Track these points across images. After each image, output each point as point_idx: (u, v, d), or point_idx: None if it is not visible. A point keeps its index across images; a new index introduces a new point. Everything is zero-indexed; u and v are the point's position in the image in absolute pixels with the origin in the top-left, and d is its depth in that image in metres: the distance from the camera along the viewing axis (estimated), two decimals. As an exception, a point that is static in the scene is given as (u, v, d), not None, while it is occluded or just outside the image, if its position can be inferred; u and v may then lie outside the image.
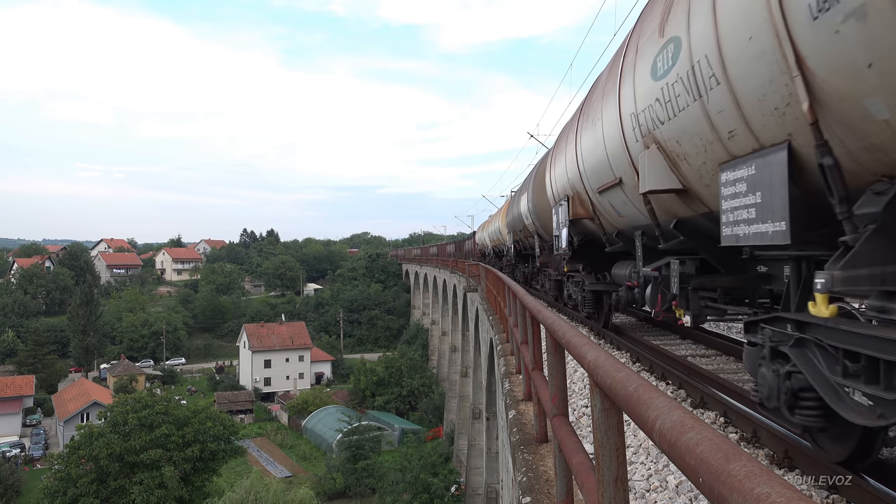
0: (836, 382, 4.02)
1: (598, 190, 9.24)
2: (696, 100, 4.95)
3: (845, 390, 3.94)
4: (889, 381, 3.52)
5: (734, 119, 4.45)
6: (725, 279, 6.37)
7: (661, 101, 5.71)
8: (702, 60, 4.70)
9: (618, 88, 7.28)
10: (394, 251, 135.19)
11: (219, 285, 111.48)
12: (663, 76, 5.56)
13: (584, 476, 3.07)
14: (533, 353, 6.29)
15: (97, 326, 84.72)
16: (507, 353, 12.13)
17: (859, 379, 3.78)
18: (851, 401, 3.90)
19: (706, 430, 1.52)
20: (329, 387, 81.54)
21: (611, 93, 7.74)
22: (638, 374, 2.25)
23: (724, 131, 4.67)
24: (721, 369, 8.84)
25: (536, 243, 19.45)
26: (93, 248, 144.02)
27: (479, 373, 39.53)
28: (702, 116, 4.92)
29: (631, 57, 6.82)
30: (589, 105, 9.58)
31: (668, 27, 5.50)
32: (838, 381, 3.98)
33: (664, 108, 5.66)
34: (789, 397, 4.48)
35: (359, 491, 48.08)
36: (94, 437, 35.77)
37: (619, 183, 7.95)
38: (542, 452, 5.74)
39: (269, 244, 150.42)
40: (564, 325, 3.86)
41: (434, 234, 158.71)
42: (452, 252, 74.49)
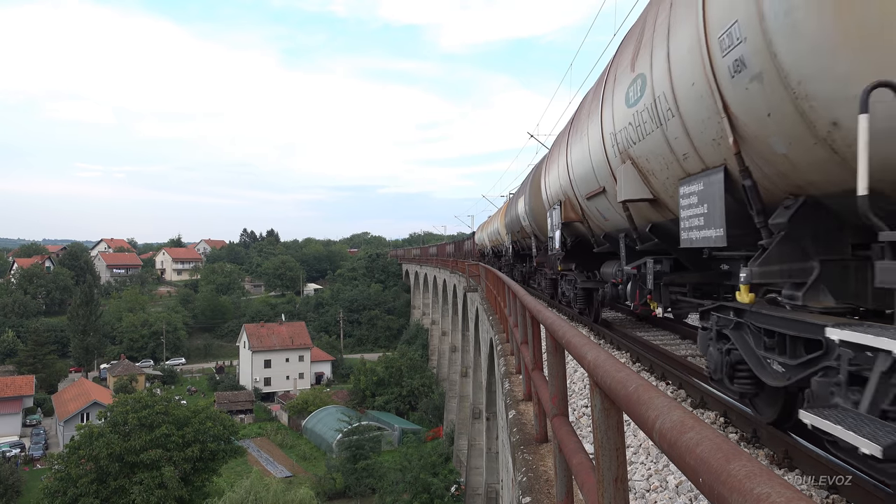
0: (760, 355, 5.11)
1: (586, 196, 10.38)
2: (658, 127, 6.07)
3: (767, 361, 5.00)
4: (794, 352, 4.57)
5: (686, 145, 5.60)
6: (693, 276, 7.55)
7: (633, 125, 6.85)
8: (660, 96, 5.81)
9: (600, 109, 8.46)
10: (393, 251, 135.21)
11: (219, 285, 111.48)
12: (634, 104, 6.71)
13: (584, 476, 3.07)
14: (533, 353, 6.29)
15: (97, 326, 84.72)
16: (507, 353, 12.14)
17: (775, 351, 4.85)
18: (771, 369, 4.96)
19: (706, 430, 1.52)
20: (329, 387, 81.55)
21: (595, 112, 8.97)
22: (638, 374, 2.25)
23: (680, 154, 5.84)
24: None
25: (533, 244, 20.32)
26: (93, 248, 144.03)
27: (479, 373, 39.54)
28: (663, 140, 6.06)
29: (611, 83, 8.00)
30: (578, 120, 10.84)
31: (637, 64, 6.66)
32: (762, 354, 5.08)
33: (636, 130, 6.77)
34: (729, 369, 5.55)
35: (359, 491, 48.07)
36: (94, 437, 35.76)
37: (603, 191, 9.07)
38: (542, 452, 5.74)
39: (269, 244, 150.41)
40: (564, 325, 3.86)
41: (434, 234, 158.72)
42: (452, 252, 74.93)
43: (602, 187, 9.04)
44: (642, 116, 6.45)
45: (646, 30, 6.55)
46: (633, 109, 6.74)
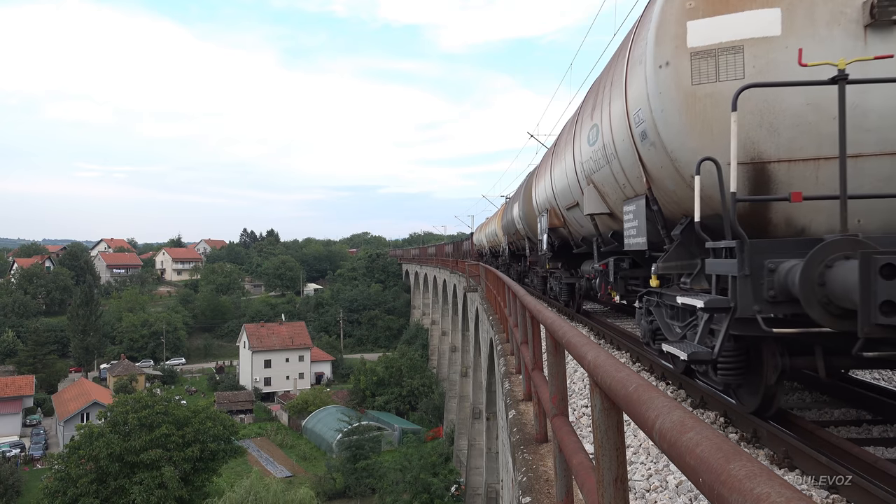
0: (667, 323, 7.31)
1: (565, 207, 12.95)
2: (607, 163, 8.56)
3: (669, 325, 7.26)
4: (684, 319, 6.80)
5: (623, 178, 8.05)
6: (641, 271, 9.43)
7: (592, 159, 9.44)
8: (608, 143, 8.28)
9: (573, 141, 11.12)
10: (393, 251, 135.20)
11: (219, 285, 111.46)
12: (593, 144, 9.31)
13: (584, 476, 3.07)
14: (533, 353, 6.29)
15: (97, 326, 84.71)
16: (507, 352, 12.14)
17: (675, 320, 7.08)
18: (674, 333, 7.03)
19: (706, 430, 1.52)
20: (329, 387, 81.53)
21: (569, 142, 11.66)
22: (638, 374, 2.25)
23: (621, 183, 8.26)
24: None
25: (527, 245, 22.27)
26: (93, 248, 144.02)
27: (479, 373, 39.53)
28: (610, 173, 8.56)
29: (580, 124, 10.62)
30: (559, 144, 13.81)
31: (594, 115, 9.20)
32: (667, 322, 7.31)
33: (595, 163, 9.35)
34: (652, 335, 7.88)
35: (359, 491, 48.07)
36: (94, 437, 35.75)
37: (577, 205, 11.41)
38: (542, 452, 5.74)
39: (269, 244, 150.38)
40: (564, 325, 3.86)
41: (434, 234, 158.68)
42: (451, 252, 75.61)
43: (576, 201, 11.42)
44: (597, 154, 9.02)
45: (600, 90, 9.06)
46: (592, 148, 9.36)
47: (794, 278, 4.68)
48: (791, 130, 5.59)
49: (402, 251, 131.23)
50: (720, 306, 5.42)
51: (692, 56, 5.94)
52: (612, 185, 8.68)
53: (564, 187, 12.37)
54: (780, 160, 5.63)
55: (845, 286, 4.23)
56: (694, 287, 6.58)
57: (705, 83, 5.82)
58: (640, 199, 7.41)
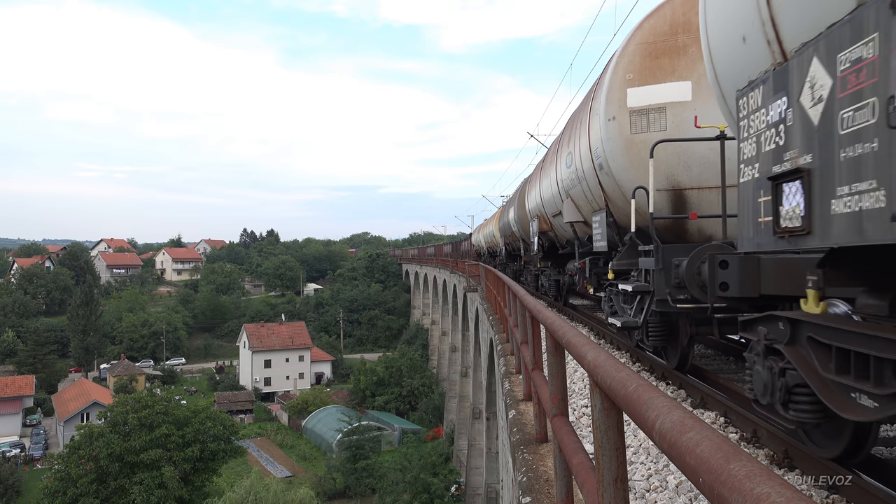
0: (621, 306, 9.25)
1: (551, 215, 15.16)
2: (579, 183, 11.07)
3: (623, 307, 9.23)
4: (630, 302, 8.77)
5: (591, 195, 10.51)
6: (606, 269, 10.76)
7: (569, 178, 11.98)
8: (578, 167, 10.78)
9: (555, 161, 13.97)
10: (393, 251, 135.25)
11: (219, 285, 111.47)
12: (569, 167, 11.83)
13: (584, 476, 3.07)
14: (533, 353, 6.29)
15: (97, 326, 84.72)
16: (507, 353, 12.14)
17: (626, 303, 8.97)
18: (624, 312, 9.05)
19: (706, 430, 1.52)
20: (329, 387, 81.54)
21: (553, 162, 14.48)
22: (638, 374, 2.25)
23: (589, 198, 10.71)
24: (721, 369, 8.85)
25: (521, 246, 24.42)
26: (93, 248, 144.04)
27: (479, 373, 39.54)
28: (581, 191, 11.06)
29: (560, 149, 13.22)
30: (546, 160, 16.78)
31: (570, 144, 11.65)
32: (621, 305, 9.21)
33: (570, 181, 11.89)
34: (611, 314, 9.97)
35: (359, 491, 48.08)
36: (94, 437, 35.75)
37: (560, 213, 13.36)
38: (542, 452, 5.74)
39: (269, 244, 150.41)
40: (564, 325, 3.87)
41: (434, 234, 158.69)
42: (449, 252, 76.48)
43: (559, 210, 13.48)
44: (572, 175, 11.53)
45: (574, 126, 11.67)
46: (569, 169, 11.91)
47: (683, 271, 6.84)
48: (699, 167, 8.05)
49: (400, 251, 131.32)
50: (643, 290, 8.00)
51: (630, 113, 8.40)
52: (584, 199, 11.28)
53: (550, 198, 14.82)
54: (692, 188, 8.16)
55: (706, 274, 6.18)
56: (639, 279, 8.35)
57: (640, 133, 8.32)
58: (602, 212, 9.92)
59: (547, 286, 19.01)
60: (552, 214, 14.89)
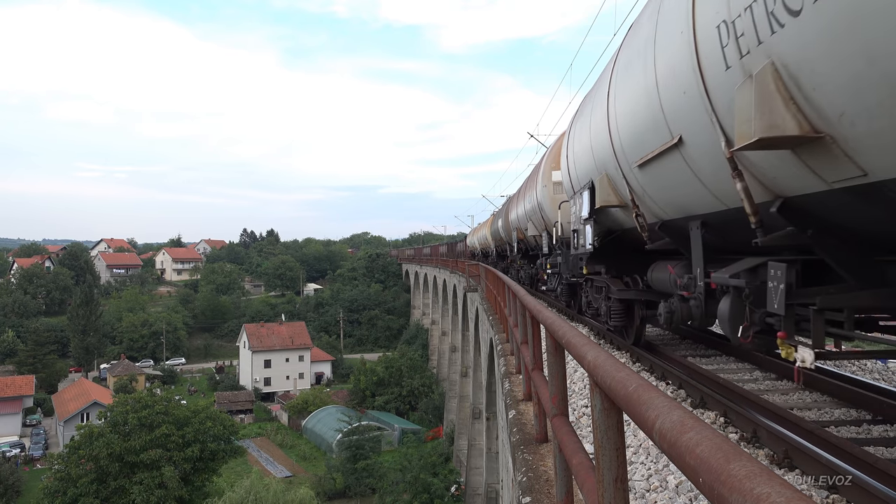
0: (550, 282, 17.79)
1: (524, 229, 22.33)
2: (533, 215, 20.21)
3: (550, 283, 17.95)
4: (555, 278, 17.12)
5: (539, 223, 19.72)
6: None
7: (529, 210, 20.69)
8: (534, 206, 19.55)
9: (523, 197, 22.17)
10: (392, 251, 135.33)
11: (219, 285, 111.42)
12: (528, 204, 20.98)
13: (584, 476, 3.07)
14: (533, 353, 6.29)
15: (97, 326, 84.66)
16: (507, 352, 12.14)
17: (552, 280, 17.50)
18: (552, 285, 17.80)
19: (706, 430, 1.52)
20: (329, 387, 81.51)
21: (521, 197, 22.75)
22: (638, 374, 2.25)
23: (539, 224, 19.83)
24: (721, 369, 8.84)
25: (507, 249, 30.91)
26: (93, 248, 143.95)
27: (479, 373, 39.53)
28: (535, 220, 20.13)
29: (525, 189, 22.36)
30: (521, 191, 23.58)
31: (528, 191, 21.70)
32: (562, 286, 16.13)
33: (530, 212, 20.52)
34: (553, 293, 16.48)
35: (359, 491, 48.06)
36: (94, 437, 35.73)
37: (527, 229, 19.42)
38: (542, 452, 5.74)
39: (269, 244, 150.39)
40: (564, 325, 3.86)
41: (434, 234, 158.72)
42: (445, 252, 77.75)
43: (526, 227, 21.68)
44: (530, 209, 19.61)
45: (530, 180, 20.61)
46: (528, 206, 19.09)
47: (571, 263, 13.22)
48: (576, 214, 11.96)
49: (398, 251, 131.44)
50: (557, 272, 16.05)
51: (553, 184, 16.44)
52: (537, 224, 19.46)
53: (521, 218, 22.79)
54: None
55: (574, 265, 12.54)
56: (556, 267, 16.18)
57: (558, 195, 15.78)
58: (545, 231, 18.26)
59: (524, 277, 25.63)
60: (524, 229, 22.41)
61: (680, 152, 5.86)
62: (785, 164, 4.24)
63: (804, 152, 3.89)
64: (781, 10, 3.54)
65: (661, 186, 6.96)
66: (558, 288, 16.20)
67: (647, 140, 6.62)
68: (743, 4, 4.00)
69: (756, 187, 4.78)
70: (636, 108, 6.83)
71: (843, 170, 3.66)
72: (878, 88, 3.06)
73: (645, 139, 6.72)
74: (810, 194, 4.25)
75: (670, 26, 5.58)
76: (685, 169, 5.92)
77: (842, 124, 3.42)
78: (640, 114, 6.68)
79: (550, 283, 17.54)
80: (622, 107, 7.55)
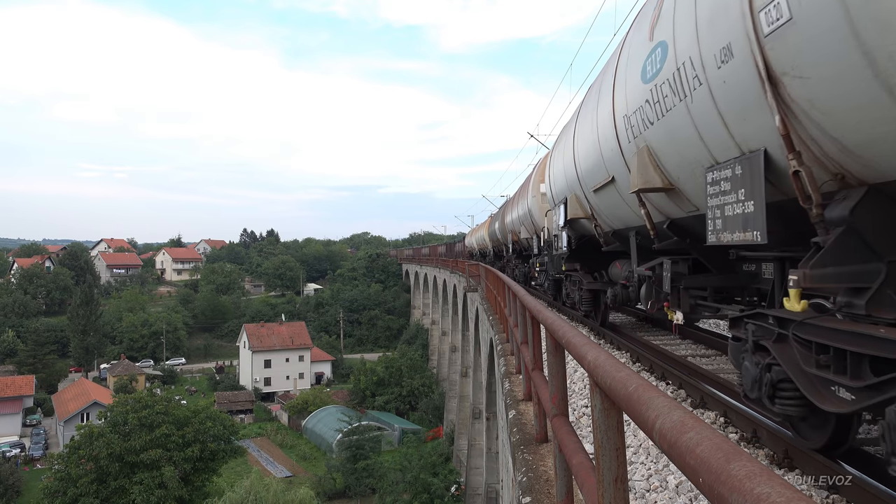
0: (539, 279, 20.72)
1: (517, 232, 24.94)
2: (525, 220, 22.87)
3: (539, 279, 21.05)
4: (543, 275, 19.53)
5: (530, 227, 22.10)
6: None
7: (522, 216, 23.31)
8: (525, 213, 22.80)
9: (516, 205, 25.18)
10: (391, 251, 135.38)
11: (219, 285, 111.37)
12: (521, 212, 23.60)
13: (584, 476, 3.07)
14: (533, 353, 6.29)
15: (97, 326, 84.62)
16: (507, 352, 12.14)
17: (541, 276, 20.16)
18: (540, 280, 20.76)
19: (706, 430, 1.52)
20: (329, 387, 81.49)
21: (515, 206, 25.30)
22: (638, 374, 2.25)
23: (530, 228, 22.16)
24: (721, 369, 8.85)
25: (504, 249, 33.04)
26: (93, 248, 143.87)
27: (479, 373, 39.52)
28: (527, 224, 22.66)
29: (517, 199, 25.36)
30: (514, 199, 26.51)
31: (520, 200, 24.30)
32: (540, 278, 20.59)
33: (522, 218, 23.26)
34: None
35: (359, 491, 48.05)
36: (94, 437, 35.73)
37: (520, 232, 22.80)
38: (542, 452, 5.74)
39: (269, 244, 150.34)
40: (564, 325, 3.86)
41: (434, 234, 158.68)
42: (444, 253, 78.71)
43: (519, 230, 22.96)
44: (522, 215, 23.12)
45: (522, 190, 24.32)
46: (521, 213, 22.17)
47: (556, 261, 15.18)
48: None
49: (397, 251, 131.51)
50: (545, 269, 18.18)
51: (541, 195, 18.15)
52: (528, 227, 21.94)
53: (515, 222, 25.52)
54: None
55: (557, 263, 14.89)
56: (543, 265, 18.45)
57: (544, 204, 17.04)
58: (535, 235, 19.87)
59: (518, 274, 27.78)
60: (517, 231, 25.25)
61: (614, 186, 8.57)
62: (664, 200, 6.90)
63: (670, 195, 6.61)
64: (650, 117, 6.30)
65: (608, 206, 9.62)
66: (545, 283, 18.76)
67: (596, 175, 9.44)
68: (633, 109, 6.83)
69: (654, 212, 7.44)
70: (589, 151, 9.73)
71: (688, 206, 6.41)
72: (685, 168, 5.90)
73: (595, 174, 9.53)
74: (680, 218, 6.83)
75: (603, 107, 8.47)
76: (618, 197, 8.61)
77: (679, 182, 6.26)
78: (592, 156, 9.57)
79: (540, 279, 19.87)
80: (580, 149, 10.49)
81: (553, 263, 16.00)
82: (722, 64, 4.48)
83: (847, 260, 3.93)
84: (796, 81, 3.71)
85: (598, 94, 8.85)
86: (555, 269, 15.95)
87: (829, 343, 4.09)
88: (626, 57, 7.24)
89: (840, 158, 3.75)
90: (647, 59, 6.17)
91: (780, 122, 3.96)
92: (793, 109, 3.87)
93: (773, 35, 3.76)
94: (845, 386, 3.98)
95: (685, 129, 5.47)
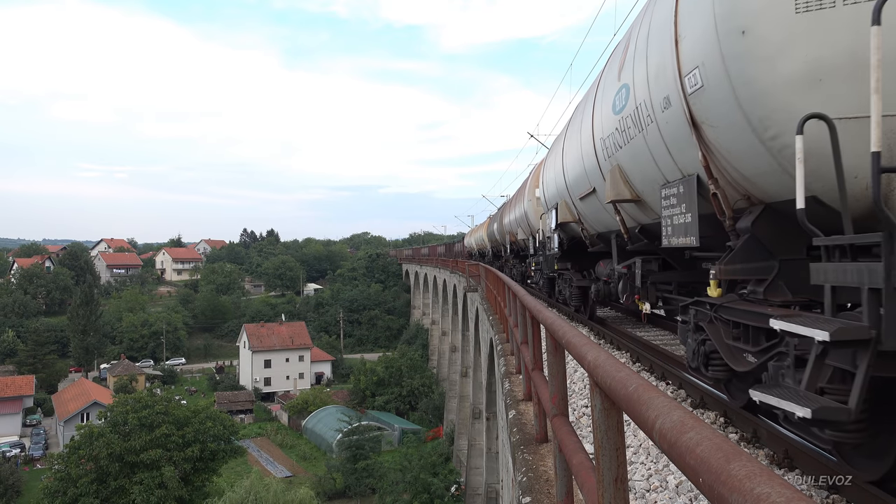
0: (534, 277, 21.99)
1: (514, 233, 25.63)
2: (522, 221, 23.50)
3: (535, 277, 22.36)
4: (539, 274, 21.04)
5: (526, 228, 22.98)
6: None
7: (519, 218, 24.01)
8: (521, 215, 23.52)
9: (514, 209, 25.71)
10: (391, 251, 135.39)
11: (219, 285, 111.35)
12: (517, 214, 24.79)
13: (584, 476, 3.07)
14: (533, 353, 6.29)
15: (97, 326, 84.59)
16: (507, 352, 12.14)
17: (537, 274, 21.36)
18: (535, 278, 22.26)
19: (706, 430, 1.52)
20: (329, 387, 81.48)
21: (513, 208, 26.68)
22: (638, 374, 2.25)
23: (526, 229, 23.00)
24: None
25: (502, 249, 33.94)
26: (93, 248, 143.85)
27: (479, 373, 39.52)
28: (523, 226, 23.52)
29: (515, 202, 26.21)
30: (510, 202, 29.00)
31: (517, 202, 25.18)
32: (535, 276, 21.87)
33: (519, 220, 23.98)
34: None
35: (359, 491, 48.05)
36: (94, 437, 35.71)
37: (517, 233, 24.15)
38: (542, 452, 5.74)
39: (269, 244, 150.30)
40: (564, 325, 3.86)
41: (434, 234, 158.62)
42: (443, 253, 79.15)
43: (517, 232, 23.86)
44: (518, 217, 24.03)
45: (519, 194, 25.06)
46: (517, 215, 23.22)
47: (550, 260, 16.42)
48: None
49: (397, 251, 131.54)
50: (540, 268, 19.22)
51: (535, 199, 18.90)
52: (525, 228, 22.82)
53: (512, 223, 26.77)
54: None
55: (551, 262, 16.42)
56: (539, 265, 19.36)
57: (539, 208, 18.15)
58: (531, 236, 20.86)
59: (515, 273, 29.09)
60: (515, 233, 26.35)
61: (595, 195, 10.02)
62: (634, 209, 8.29)
63: (638, 205, 8.04)
64: (619, 142, 7.77)
65: (592, 212, 10.99)
66: (540, 281, 20.13)
67: (581, 185, 10.99)
68: (607, 133, 8.34)
69: (627, 218, 8.92)
70: (575, 164, 11.23)
71: (652, 214, 7.71)
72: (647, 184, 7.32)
73: (580, 184, 11.07)
74: (648, 224, 8.15)
75: (586, 128, 9.98)
76: (599, 205, 9.93)
77: (643, 195, 7.70)
78: (577, 168, 11.05)
79: (536, 278, 21.26)
80: (568, 161, 12.09)
81: (547, 263, 17.41)
82: (664, 109, 5.94)
83: (751, 258, 5.20)
84: (710, 128, 5.16)
85: (582, 116, 10.60)
86: (548, 269, 17.31)
87: (738, 320, 5.47)
88: (602, 90, 8.89)
89: (743, 184, 5.15)
90: (616, 95, 7.73)
91: (702, 157, 5.39)
92: (710, 148, 5.30)
93: (694, 95, 5.20)
94: (750, 352, 5.27)
95: (644, 154, 6.93)
